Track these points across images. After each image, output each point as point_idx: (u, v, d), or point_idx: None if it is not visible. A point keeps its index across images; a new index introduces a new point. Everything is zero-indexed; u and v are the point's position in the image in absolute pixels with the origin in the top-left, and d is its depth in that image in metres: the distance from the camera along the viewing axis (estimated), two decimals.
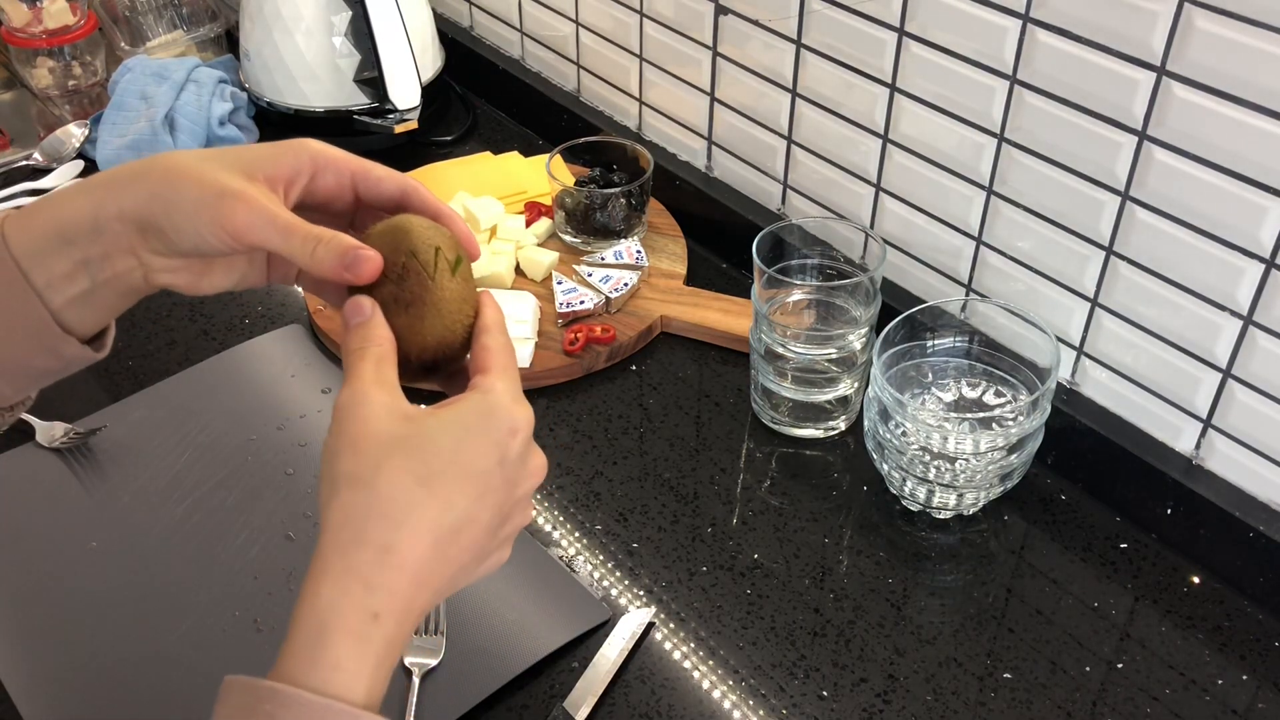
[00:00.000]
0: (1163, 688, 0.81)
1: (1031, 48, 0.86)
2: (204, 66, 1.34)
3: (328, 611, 0.50)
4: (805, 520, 0.94)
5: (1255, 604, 0.87)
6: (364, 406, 0.53)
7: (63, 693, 0.81)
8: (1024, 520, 0.94)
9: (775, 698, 0.81)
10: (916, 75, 0.96)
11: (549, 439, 1.01)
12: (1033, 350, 0.92)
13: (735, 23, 1.10)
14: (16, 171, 1.35)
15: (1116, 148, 0.84)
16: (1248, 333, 0.82)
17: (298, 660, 0.50)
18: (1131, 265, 0.87)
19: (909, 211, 1.03)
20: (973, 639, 0.85)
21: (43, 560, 0.90)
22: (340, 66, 1.32)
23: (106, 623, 0.85)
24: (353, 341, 0.55)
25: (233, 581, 0.88)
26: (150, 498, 0.95)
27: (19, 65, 1.47)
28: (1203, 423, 0.88)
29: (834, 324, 0.98)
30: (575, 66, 1.36)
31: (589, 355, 1.07)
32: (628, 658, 0.83)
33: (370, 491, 0.51)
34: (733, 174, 1.21)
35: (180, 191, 0.54)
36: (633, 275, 1.13)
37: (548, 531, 0.93)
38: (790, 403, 1.00)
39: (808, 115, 1.08)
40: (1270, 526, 0.85)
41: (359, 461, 0.52)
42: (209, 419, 1.01)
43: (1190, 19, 0.76)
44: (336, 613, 0.50)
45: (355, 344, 0.55)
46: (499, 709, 0.80)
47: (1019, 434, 0.87)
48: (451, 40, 1.49)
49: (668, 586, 0.89)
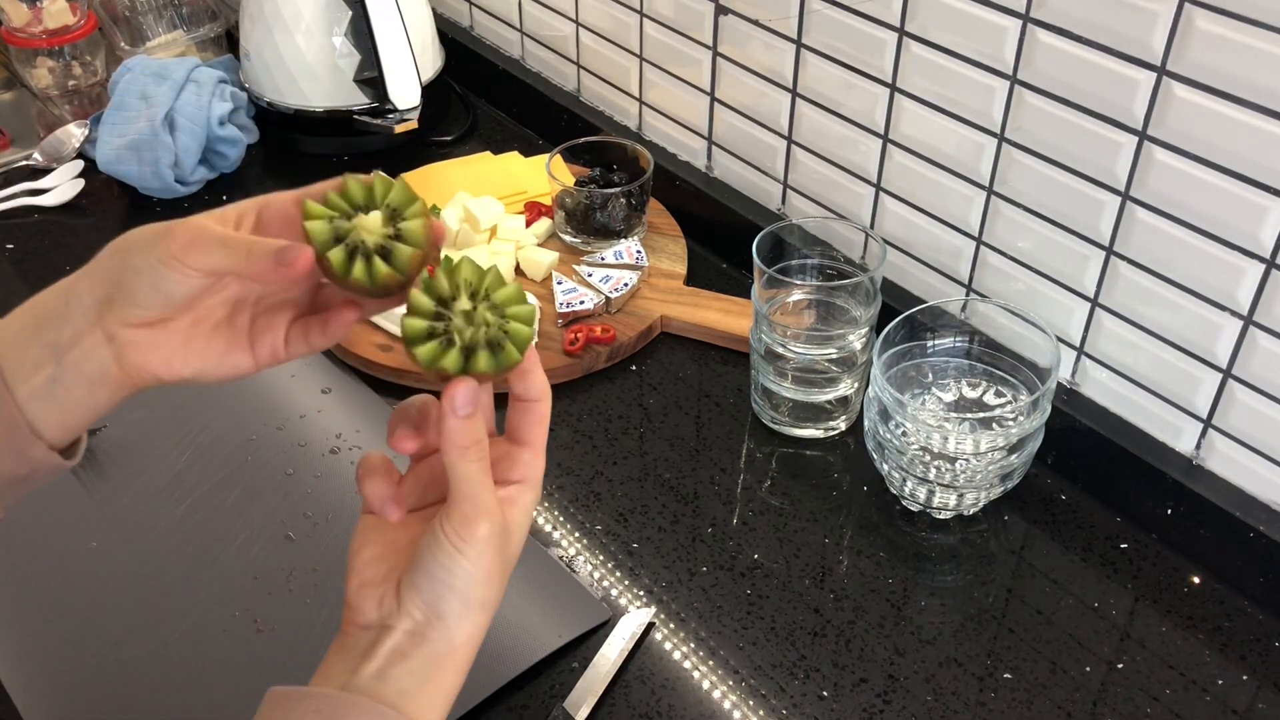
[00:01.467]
0: (1163, 688, 0.81)
1: (1031, 48, 0.86)
2: (204, 66, 1.34)
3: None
4: (805, 520, 0.94)
5: (1255, 604, 0.87)
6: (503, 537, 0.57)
7: (63, 693, 0.81)
8: (1024, 520, 0.94)
9: (775, 698, 0.81)
10: (916, 75, 0.96)
11: (549, 439, 1.01)
12: (1033, 350, 0.92)
13: (735, 23, 1.10)
14: (16, 171, 1.35)
15: (1117, 148, 0.84)
16: (1248, 333, 0.82)
17: None
18: (1132, 265, 0.87)
19: (909, 211, 1.03)
20: (973, 639, 0.85)
21: (43, 560, 0.90)
22: (340, 66, 1.32)
23: (106, 623, 0.85)
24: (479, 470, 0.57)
25: (233, 581, 0.88)
26: (150, 498, 0.95)
27: (19, 65, 1.47)
28: (1203, 423, 0.88)
29: (834, 324, 0.98)
30: (575, 66, 1.36)
31: (589, 355, 1.07)
32: (628, 658, 0.83)
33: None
34: (733, 174, 1.21)
35: (133, 243, 0.55)
36: (633, 275, 1.13)
37: (548, 531, 0.93)
38: (790, 403, 1.00)
39: (808, 115, 1.08)
40: (1270, 526, 0.85)
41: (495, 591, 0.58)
42: (209, 419, 1.01)
43: (1190, 19, 0.76)
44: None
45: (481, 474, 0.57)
46: (499, 709, 0.80)
47: (1019, 434, 0.87)
48: (451, 40, 1.49)
49: (668, 587, 0.89)
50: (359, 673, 0.55)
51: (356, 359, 1.07)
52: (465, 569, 0.55)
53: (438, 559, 0.55)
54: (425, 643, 0.56)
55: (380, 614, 0.56)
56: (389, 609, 0.56)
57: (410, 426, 0.60)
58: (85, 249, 0.95)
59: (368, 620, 0.56)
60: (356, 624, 0.57)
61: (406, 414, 0.60)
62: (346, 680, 0.55)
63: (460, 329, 0.55)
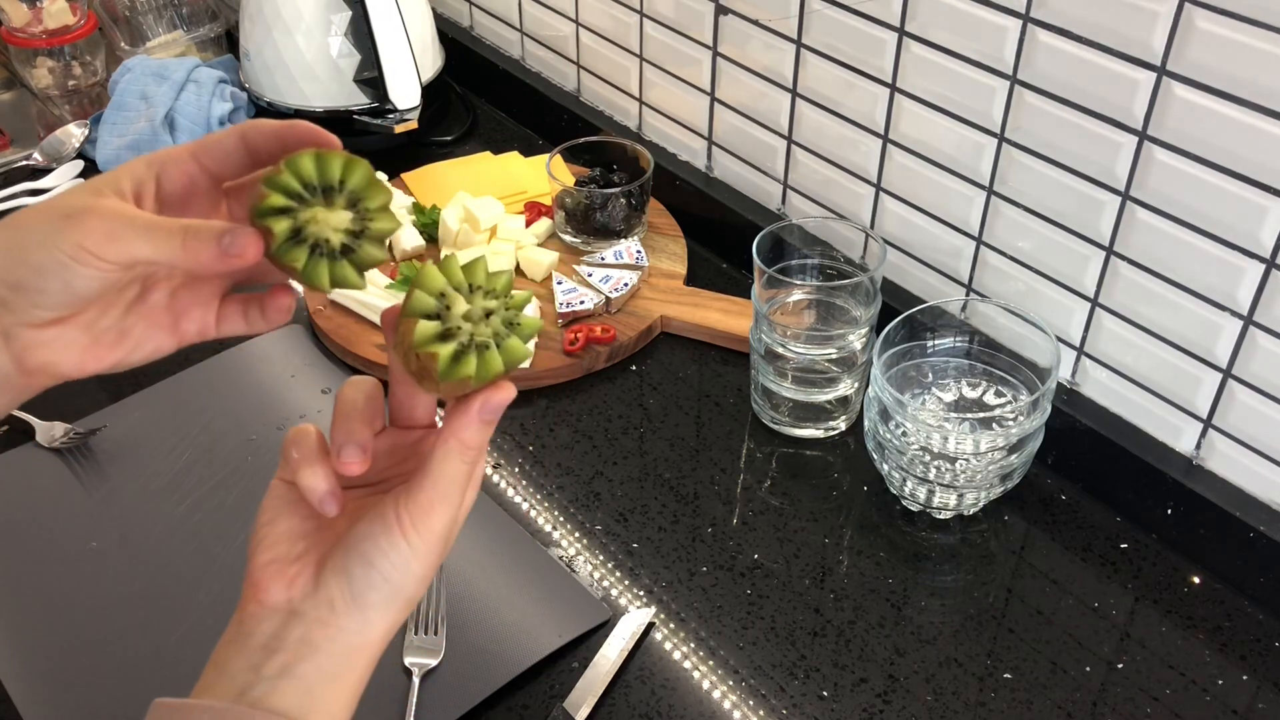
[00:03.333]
0: (1163, 688, 0.81)
1: (1032, 48, 0.86)
2: (204, 66, 1.34)
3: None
4: (805, 520, 0.94)
5: (1255, 604, 0.87)
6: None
7: (63, 693, 0.81)
8: (1024, 520, 0.94)
9: (775, 698, 0.81)
10: (916, 75, 0.96)
11: (549, 439, 1.01)
12: (1033, 350, 0.92)
13: (735, 23, 1.10)
14: (16, 171, 1.35)
15: (1117, 148, 0.84)
16: (1248, 333, 0.82)
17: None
18: (1132, 265, 0.87)
19: (909, 211, 1.03)
20: (973, 639, 0.85)
21: (43, 560, 0.90)
22: (340, 66, 1.32)
23: (106, 623, 0.85)
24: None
25: (233, 581, 0.87)
26: (150, 498, 0.95)
27: (19, 65, 1.48)
28: (1203, 423, 0.88)
29: (834, 324, 0.98)
30: (575, 66, 1.36)
31: (589, 355, 1.07)
32: (628, 658, 0.83)
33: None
34: (733, 174, 1.21)
35: (28, 234, 0.48)
36: (633, 275, 1.13)
37: (548, 531, 0.93)
38: (790, 403, 0.99)
39: (808, 115, 1.08)
40: (1270, 526, 0.85)
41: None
42: (209, 419, 1.01)
43: (1190, 19, 0.76)
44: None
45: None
46: (499, 709, 0.80)
47: (1019, 434, 0.87)
48: (451, 40, 1.49)
49: (668, 586, 0.89)
50: (261, 670, 0.50)
51: (356, 359, 1.07)
52: (407, 560, 0.51)
53: (379, 545, 0.51)
54: (339, 635, 0.51)
55: (289, 596, 0.52)
56: (302, 591, 0.52)
57: (358, 447, 0.53)
58: None
59: (274, 602, 0.52)
60: (259, 605, 0.52)
61: (352, 432, 0.54)
62: (246, 681, 0.50)
63: (467, 328, 0.51)
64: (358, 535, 0.51)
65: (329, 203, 0.50)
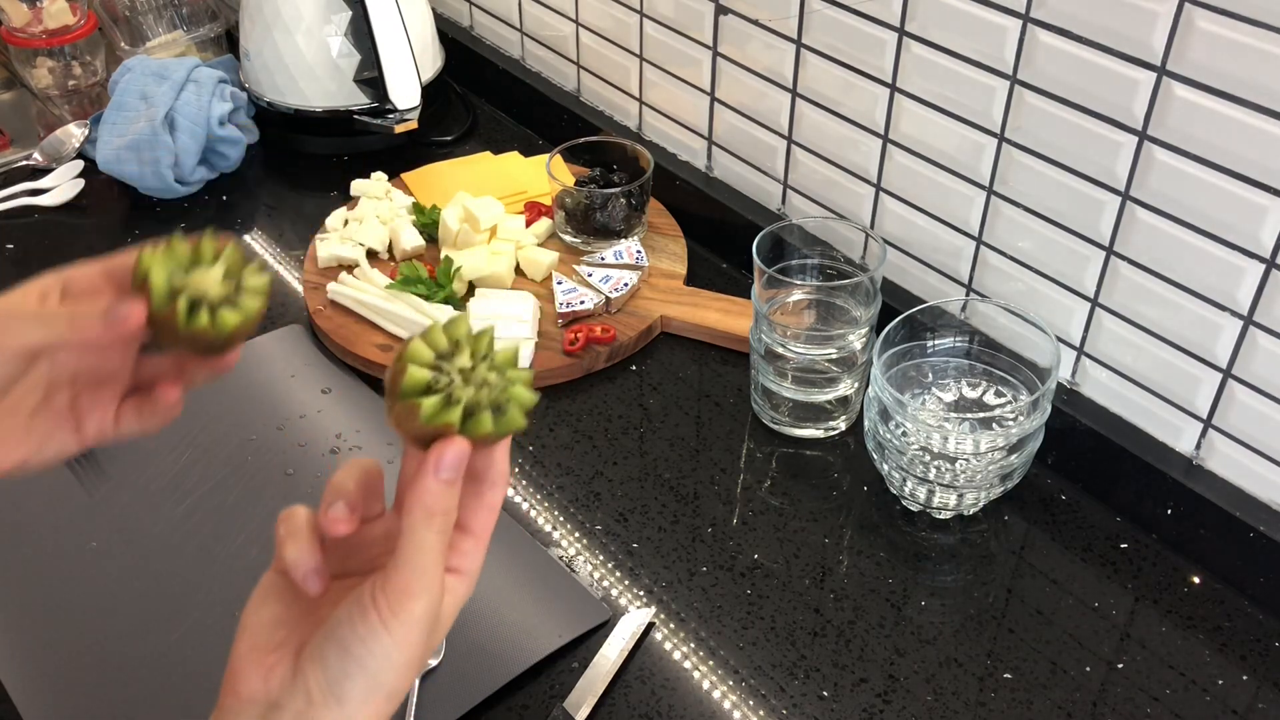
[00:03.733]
0: (1163, 688, 0.81)
1: (1032, 48, 0.86)
2: (204, 66, 1.34)
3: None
4: (805, 520, 0.94)
5: (1255, 604, 0.87)
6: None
7: (63, 693, 0.81)
8: (1024, 520, 0.94)
9: (775, 698, 0.81)
10: (916, 75, 0.96)
11: (549, 439, 1.01)
12: (1033, 350, 0.92)
13: (735, 22, 1.10)
14: (16, 171, 1.35)
15: (1117, 148, 0.84)
16: (1248, 333, 0.82)
17: None
18: (1132, 265, 0.87)
19: (909, 211, 1.03)
20: (973, 639, 0.85)
21: (43, 560, 0.90)
22: (340, 66, 1.32)
23: (106, 623, 0.85)
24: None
25: (233, 581, 0.88)
26: (150, 498, 0.95)
27: (19, 65, 1.48)
28: (1203, 423, 0.88)
29: (834, 324, 0.98)
30: (575, 66, 1.36)
31: (589, 355, 1.07)
32: (628, 658, 0.83)
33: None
34: (733, 174, 1.21)
35: None
36: (633, 275, 1.13)
37: (548, 531, 0.93)
38: (790, 403, 1.00)
39: (808, 115, 1.08)
40: (1270, 526, 0.85)
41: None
42: (209, 419, 1.01)
43: (1190, 19, 0.76)
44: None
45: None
46: (499, 709, 0.80)
47: (1019, 434, 0.87)
48: (451, 40, 1.49)
49: (668, 586, 0.89)
50: None
51: (356, 359, 1.07)
52: (386, 648, 0.48)
53: (356, 631, 0.48)
54: None
55: (266, 688, 0.50)
56: (279, 682, 0.49)
57: (346, 505, 0.52)
58: (85, 249, 0.95)
59: (249, 693, 0.50)
60: (235, 698, 0.50)
61: (343, 488, 0.53)
62: None
63: (462, 387, 0.50)
64: (336, 622, 0.49)
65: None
